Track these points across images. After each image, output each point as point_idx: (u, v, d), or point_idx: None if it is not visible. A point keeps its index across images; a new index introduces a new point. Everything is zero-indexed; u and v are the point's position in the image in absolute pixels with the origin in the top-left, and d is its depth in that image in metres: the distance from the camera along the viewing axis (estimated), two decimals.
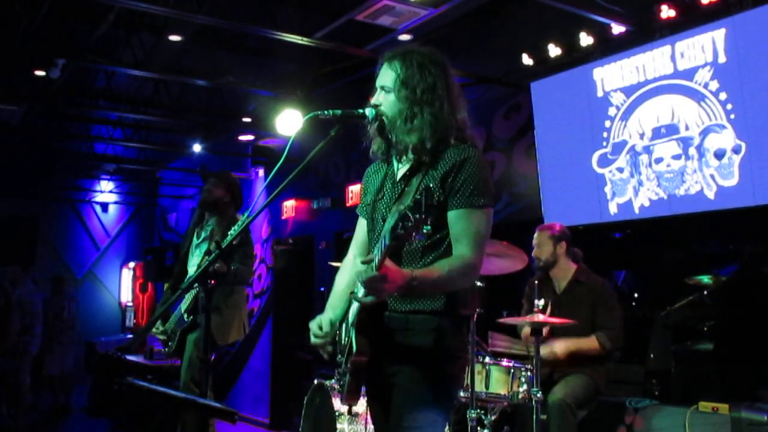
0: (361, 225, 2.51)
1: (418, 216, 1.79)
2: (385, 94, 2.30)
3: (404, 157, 2.33)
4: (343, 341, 2.31)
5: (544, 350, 3.99)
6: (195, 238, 4.75)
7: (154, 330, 4.59)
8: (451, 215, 2.18)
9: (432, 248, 2.21)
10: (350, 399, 2.33)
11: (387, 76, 2.31)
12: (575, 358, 4.07)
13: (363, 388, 2.34)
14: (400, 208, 2.20)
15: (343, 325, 2.31)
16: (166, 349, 4.58)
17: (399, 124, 2.26)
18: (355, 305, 2.22)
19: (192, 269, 4.62)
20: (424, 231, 1.83)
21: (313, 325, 2.33)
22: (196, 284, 3.76)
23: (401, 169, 2.34)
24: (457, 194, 2.18)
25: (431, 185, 2.09)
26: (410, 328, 2.20)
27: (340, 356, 2.34)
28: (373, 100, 2.32)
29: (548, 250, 4.28)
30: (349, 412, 4.22)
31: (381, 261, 1.91)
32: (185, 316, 4.41)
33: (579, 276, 4.29)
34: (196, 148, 8.82)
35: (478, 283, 3.75)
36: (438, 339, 2.18)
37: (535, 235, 4.37)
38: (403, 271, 2.00)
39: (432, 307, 2.20)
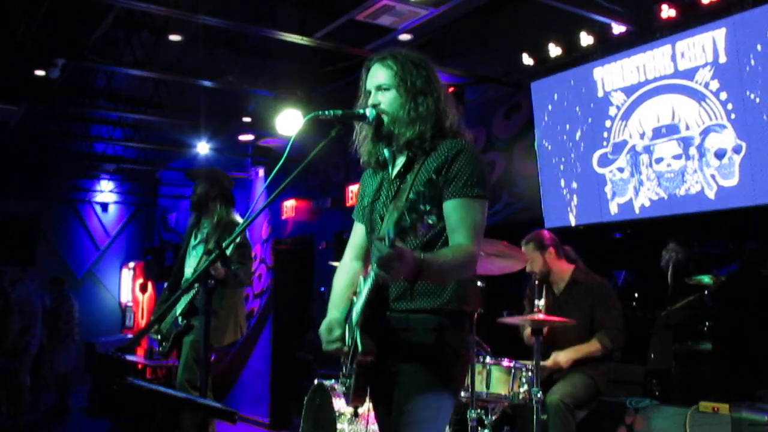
0: (357, 229, 2.51)
1: (422, 207, 1.79)
2: (383, 92, 2.30)
3: (399, 155, 2.34)
4: (346, 343, 2.30)
5: (548, 362, 4.01)
6: (192, 239, 4.74)
7: (152, 332, 4.58)
8: (447, 205, 2.18)
9: (431, 244, 2.20)
10: (357, 400, 2.32)
11: (382, 74, 2.32)
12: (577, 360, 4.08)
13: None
14: (398, 205, 2.20)
15: (346, 327, 2.30)
16: (160, 349, 4.57)
17: (401, 117, 2.27)
18: (358, 305, 2.22)
19: (189, 270, 4.61)
20: (429, 222, 1.82)
21: (323, 331, 2.31)
22: (195, 285, 3.77)
23: (396, 168, 2.35)
24: (452, 184, 2.18)
25: (432, 177, 2.10)
26: (411, 327, 2.20)
27: (343, 358, 2.33)
28: (371, 101, 2.31)
29: (539, 262, 4.29)
30: (355, 413, 4.21)
31: (393, 240, 1.87)
32: (180, 318, 4.40)
33: (577, 276, 4.30)
34: (197, 148, 8.82)
35: (479, 283, 3.75)
36: (439, 338, 2.18)
37: (522, 249, 4.33)
38: (413, 254, 1.97)
39: (432, 304, 2.19)
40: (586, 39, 5.21)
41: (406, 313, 2.21)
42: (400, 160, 2.33)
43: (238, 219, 4.66)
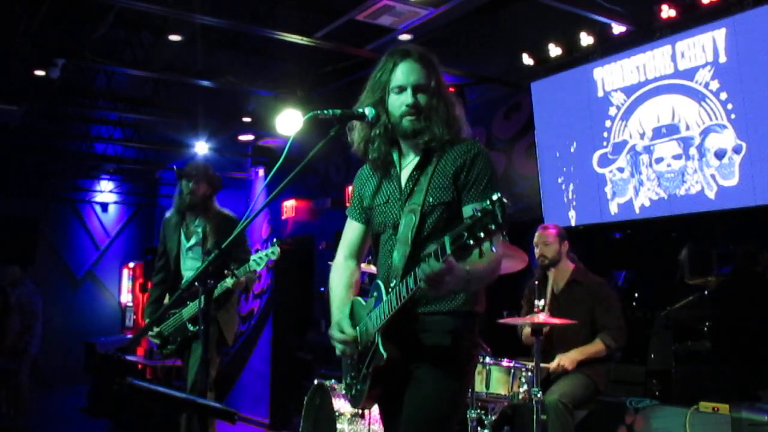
0: (351, 227, 2.50)
1: (501, 222, 1.72)
2: (422, 92, 2.29)
3: (408, 155, 2.34)
4: (359, 344, 2.27)
5: (553, 365, 4.01)
6: (185, 241, 4.58)
7: (149, 334, 4.49)
8: (468, 210, 2.18)
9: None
10: (368, 403, 2.31)
11: (417, 73, 2.29)
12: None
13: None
14: (413, 208, 2.20)
15: (358, 329, 2.28)
16: (165, 351, 4.49)
17: (434, 120, 2.27)
18: (381, 312, 2.17)
19: (188, 273, 4.53)
20: (501, 240, 1.81)
21: (335, 332, 2.29)
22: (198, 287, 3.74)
23: (405, 170, 2.34)
24: (472, 189, 2.20)
25: (452, 182, 2.11)
26: (427, 329, 2.21)
27: (351, 360, 2.32)
28: (407, 99, 2.27)
29: (554, 248, 4.30)
30: (362, 415, 4.20)
31: (446, 257, 1.84)
32: (189, 324, 4.31)
33: (577, 276, 4.30)
34: (197, 148, 8.81)
35: None
36: (455, 340, 2.21)
37: (538, 234, 4.37)
38: (461, 267, 1.96)
39: (448, 307, 2.22)
40: (586, 39, 5.21)
41: (422, 316, 2.22)
42: (410, 161, 2.34)
43: (232, 214, 4.60)
